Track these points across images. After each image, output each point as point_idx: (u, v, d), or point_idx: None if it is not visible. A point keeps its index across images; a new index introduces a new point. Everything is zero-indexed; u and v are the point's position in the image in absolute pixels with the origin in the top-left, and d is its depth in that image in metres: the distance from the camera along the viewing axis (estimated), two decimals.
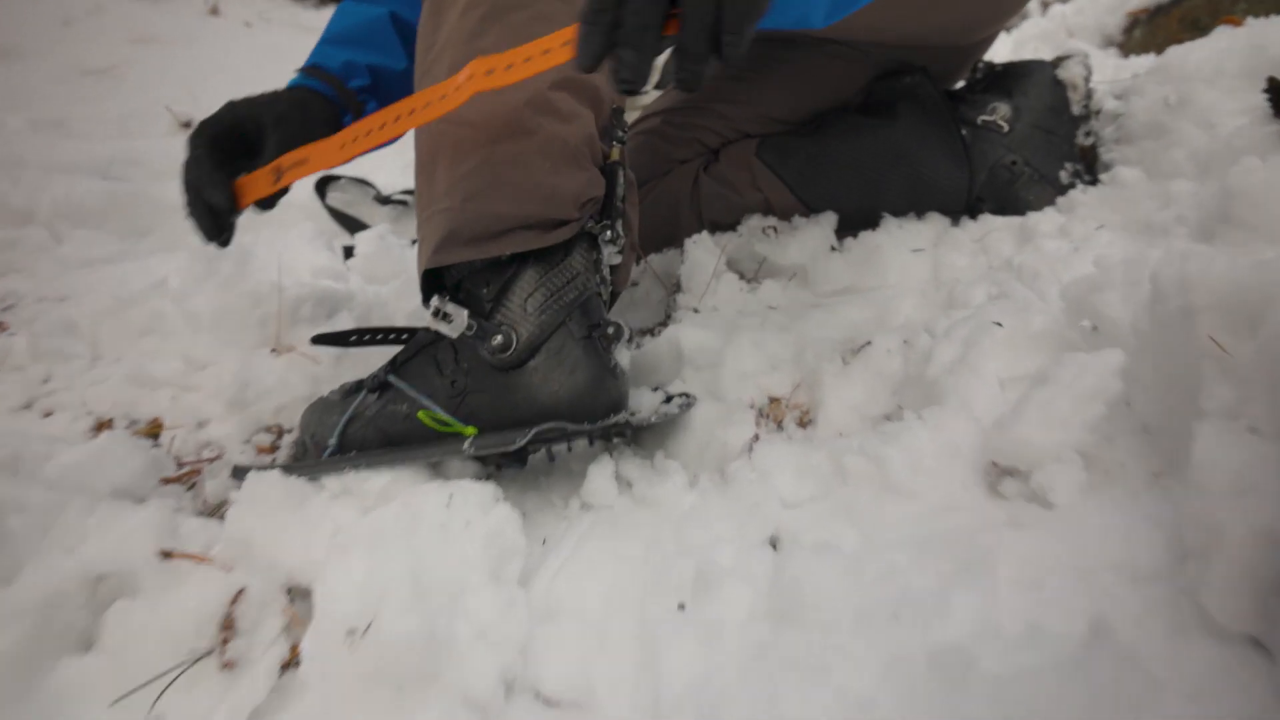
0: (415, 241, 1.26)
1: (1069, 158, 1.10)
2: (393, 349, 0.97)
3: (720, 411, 0.83)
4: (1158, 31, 1.68)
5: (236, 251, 1.27)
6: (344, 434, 0.83)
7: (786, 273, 1.11)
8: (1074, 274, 0.89)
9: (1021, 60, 1.16)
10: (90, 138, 1.83)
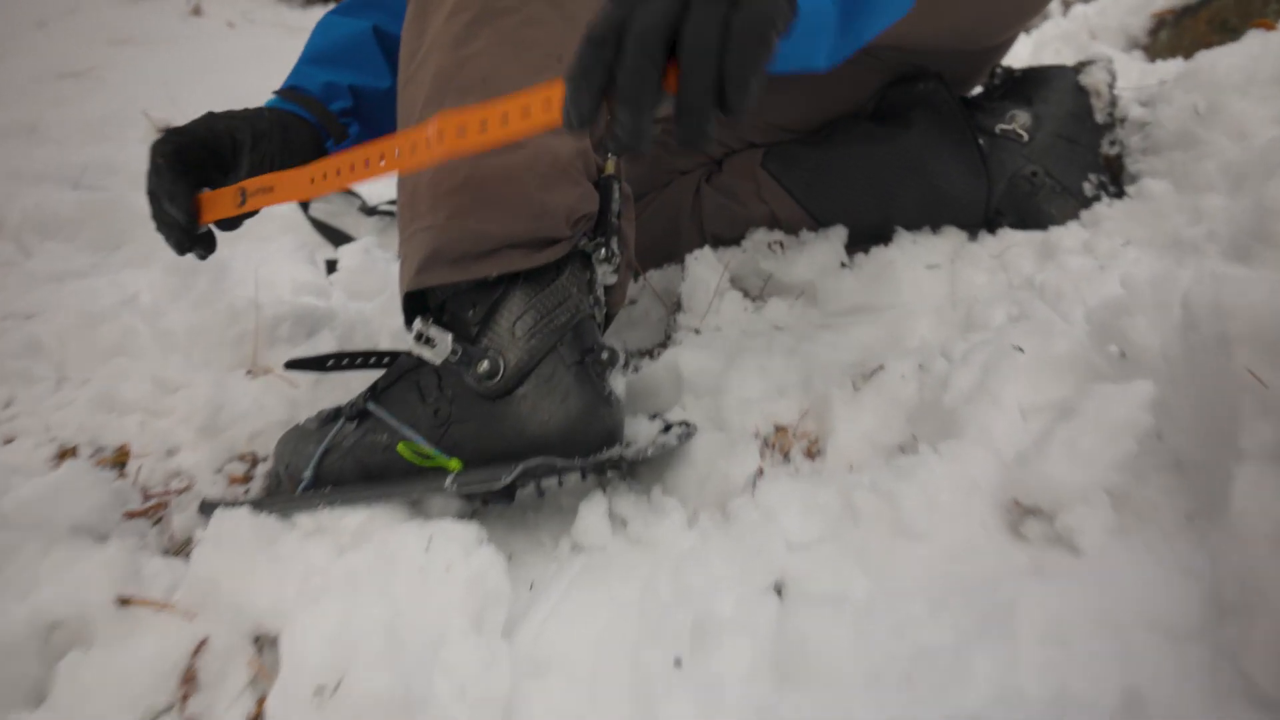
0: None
1: (1093, 168, 1.08)
2: (374, 373, 0.96)
3: (722, 442, 0.82)
4: (1185, 34, 1.67)
5: (212, 266, 1.26)
6: (320, 466, 0.81)
7: (793, 290, 1.10)
8: (1099, 294, 0.88)
9: (1042, 65, 1.15)
10: (64, 143, 1.83)
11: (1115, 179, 1.10)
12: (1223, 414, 0.61)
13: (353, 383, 1.02)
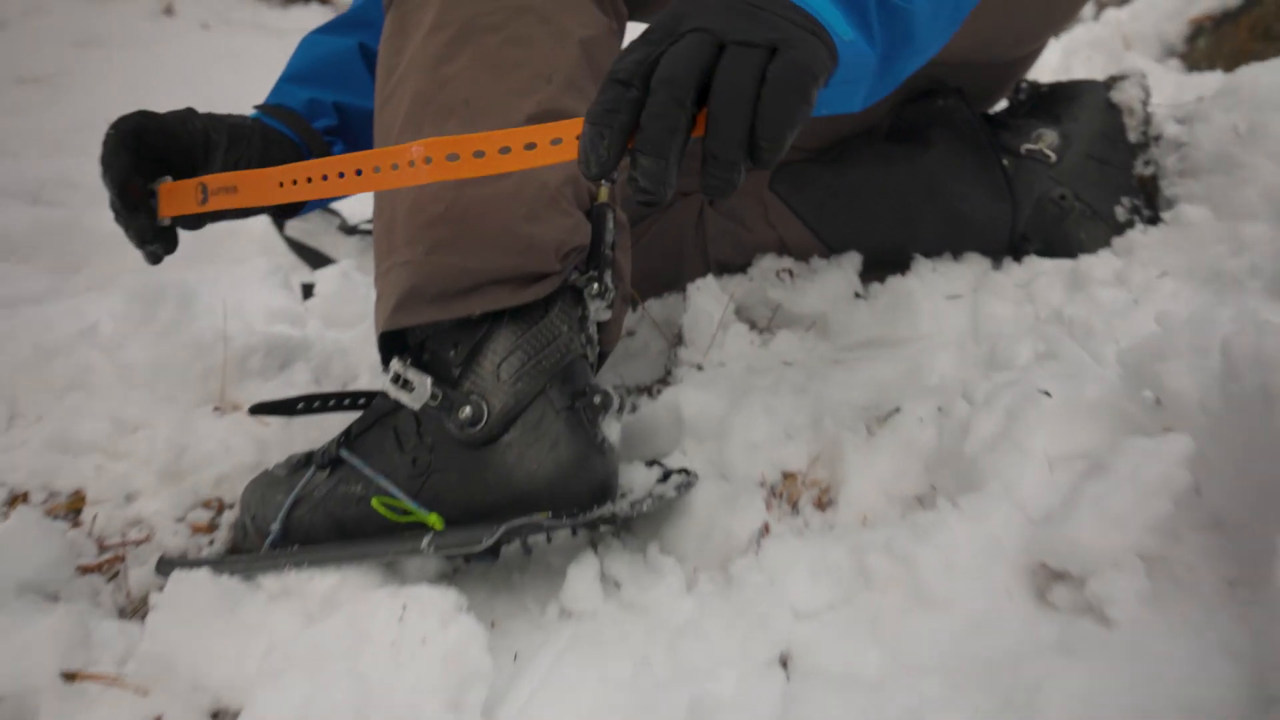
0: None
1: (1126, 191, 1.08)
2: (349, 413, 0.96)
3: (725, 492, 0.81)
4: (1224, 41, 1.67)
5: (179, 292, 1.26)
6: (289, 518, 0.81)
7: (803, 322, 1.10)
8: (1132, 332, 0.88)
9: (1070, 80, 1.15)
10: (21, 156, 1.84)
11: (1150, 202, 1.10)
12: (1267, 472, 0.61)
13: (328, 420, 1.02)
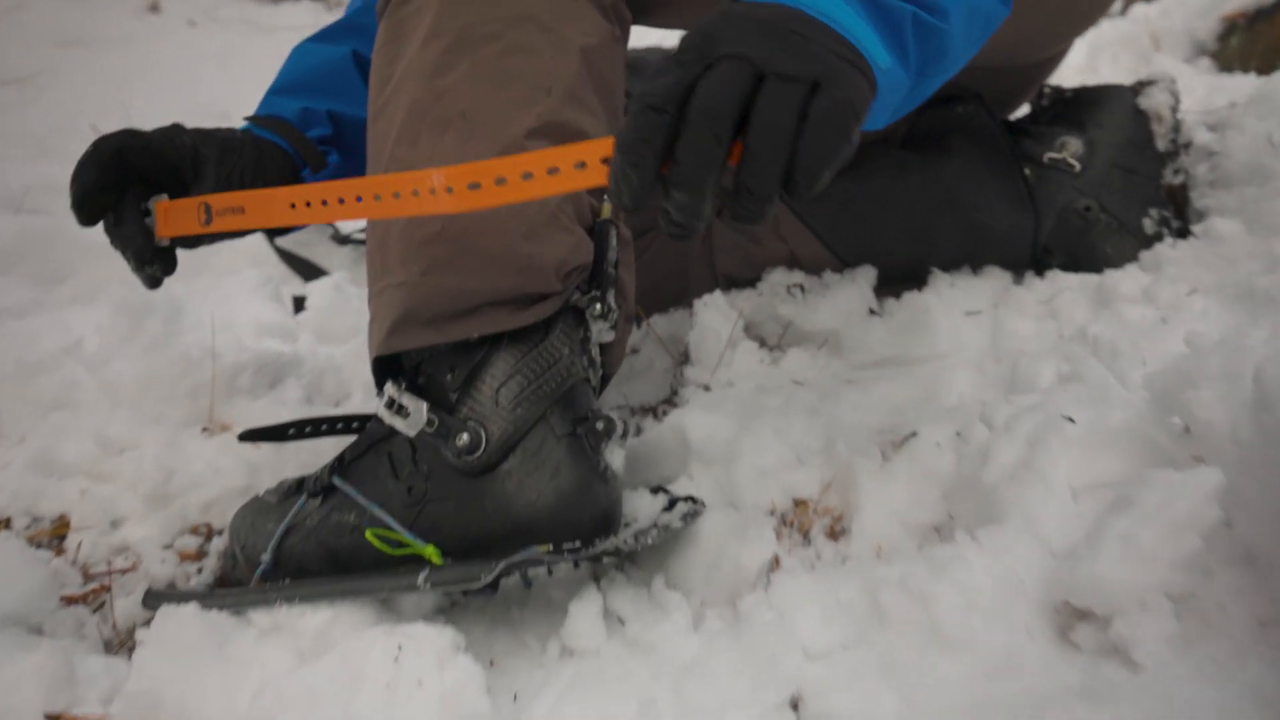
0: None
1: (1154, 202, 1.08)
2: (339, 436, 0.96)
3: (734, 522, 0.81)
4: (1258, 39, 1.67)
5: (166, 305, 1.27)
6: (280, 548, 0.82)
7: (816, 339, 1.10)
8: (1161, 353, 0.88)
9: (1095, 85, 1.16)
10: (2, 160, 1.86)
11: (1180, 213, 1.11)
12: None
13: (321, 441, 1.02)
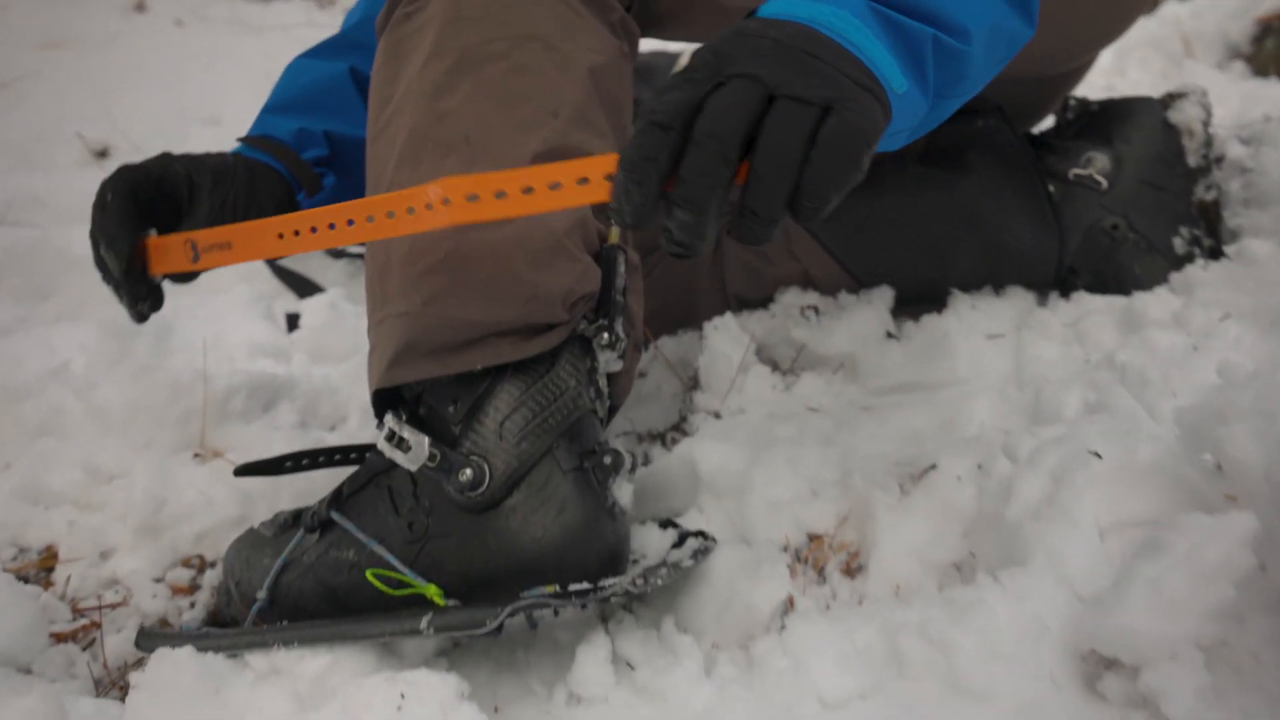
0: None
1: (1184, 220, 1.09)
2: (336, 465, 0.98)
3: (746, 559, 0.82)
4: None
5: (155, 325, 1.28)
6: (277, 584, 0.83)
7: (830, 364, 1.11)
8: (1192, 384, 0.89)
9: (1123, 98, 1.16)
10: None
11: (1212, 230, 1.11)
12: None
13: (319, 471, 1.03)
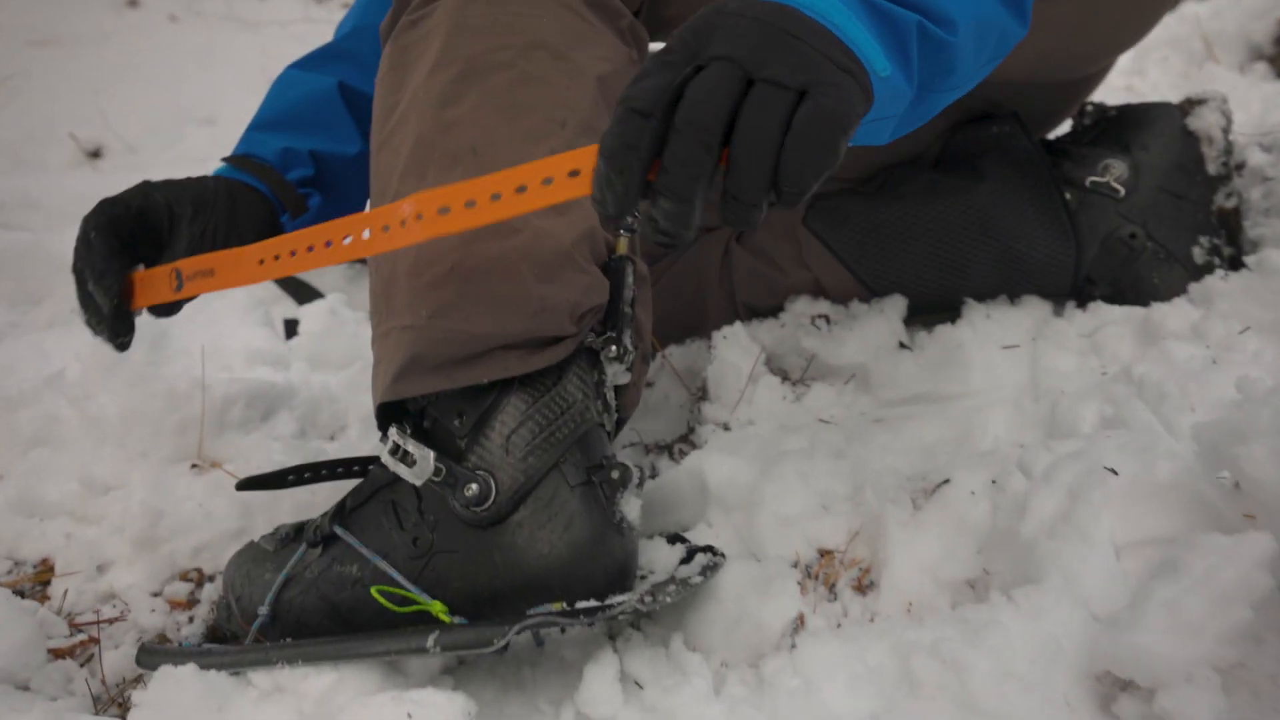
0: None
1: (1204, 230, 1.10)
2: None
3: (755, 575, 0.84)
4: None
5: (149, 332, 1.30)
6: (279, 600, 0.84)
7: (842, 374, 1.12)
8: (1210, 398, 0.90)
9: (1141, 104, 1.18)
10: None
11: (1232, 239, 1.13)
12: None
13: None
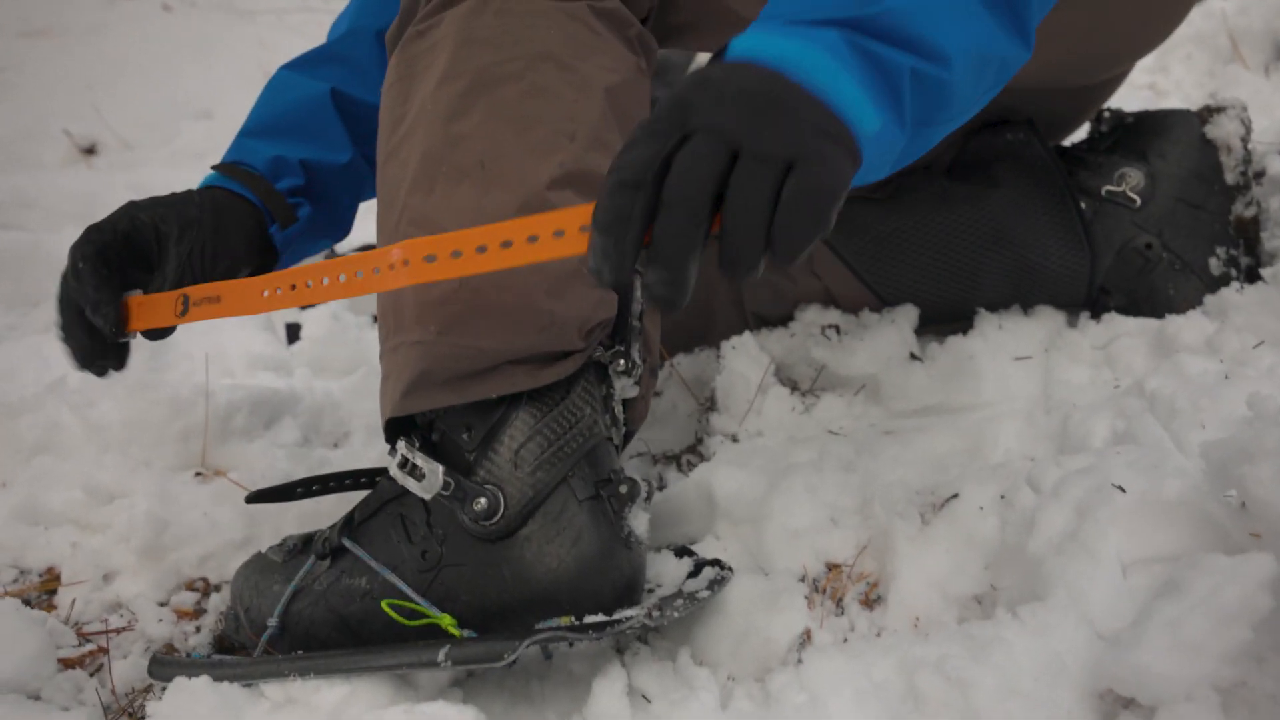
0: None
1: (1221, 240, 1.14)
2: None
3: (763, 589, 0.88)
4: None
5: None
6: (288, 612, 0.88)
7: (852, 385, 1.16)
8: (1221, 414, 0.93)
9: (1159, 110, 1.20)
10: None
11: (1250, 248, 1.16)
12: None
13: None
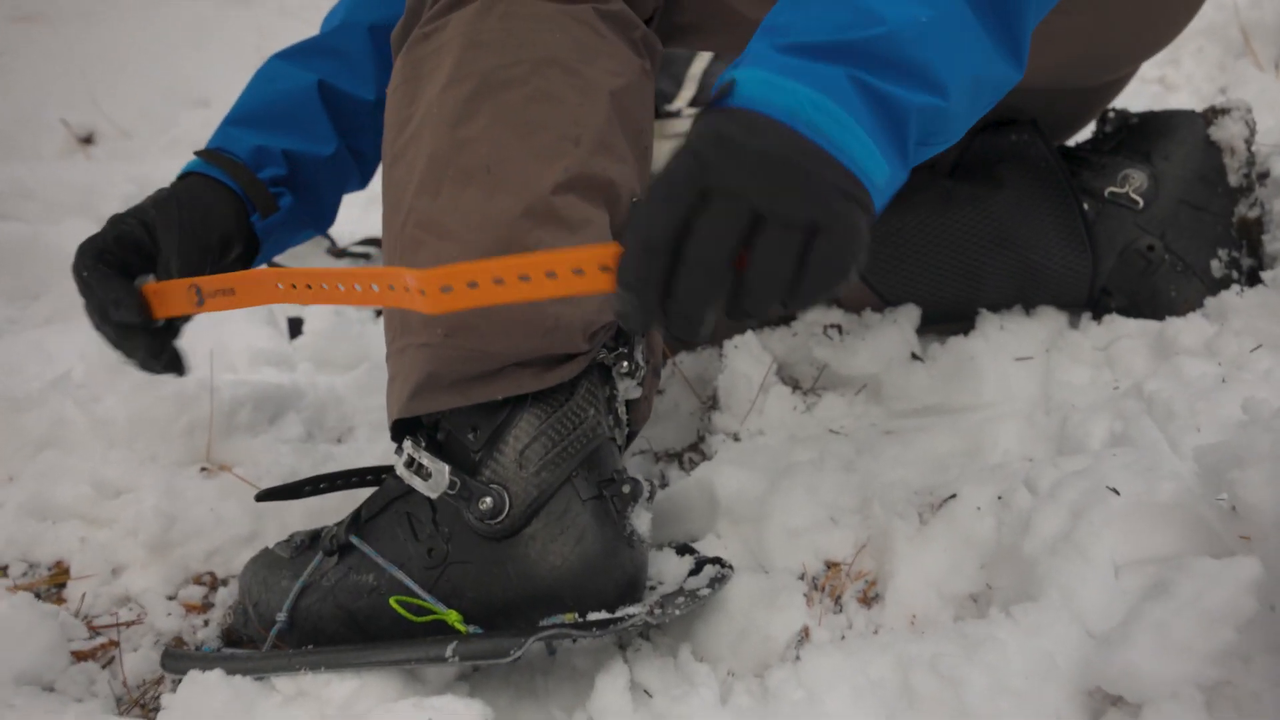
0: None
1: (1223, 242, 1.17)
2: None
3: (763, 587, 0.92)
4: None
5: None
6: (296, 607, 0.93)
7: (853, 384, 1.20)
8: (1216, 417, 0.97)
9: (1165, 111, 1.24)
10: None
11: (1253, 250, 1.20)
12: None
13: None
